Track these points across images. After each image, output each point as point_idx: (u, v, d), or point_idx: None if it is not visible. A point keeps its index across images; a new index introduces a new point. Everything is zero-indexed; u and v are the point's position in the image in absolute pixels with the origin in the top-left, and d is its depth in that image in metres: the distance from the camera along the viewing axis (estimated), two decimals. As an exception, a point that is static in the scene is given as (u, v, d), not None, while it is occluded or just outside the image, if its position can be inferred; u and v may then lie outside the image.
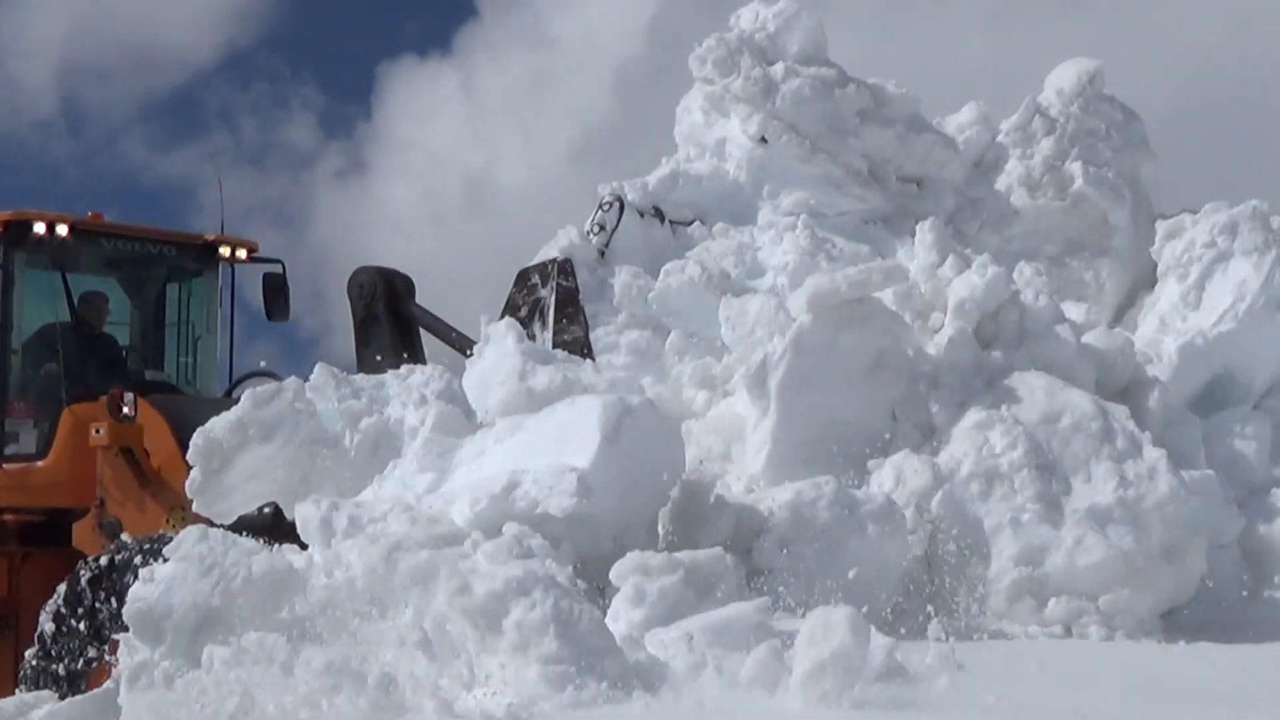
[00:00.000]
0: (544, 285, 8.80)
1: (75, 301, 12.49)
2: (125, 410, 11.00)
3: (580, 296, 8.77)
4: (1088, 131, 10.09)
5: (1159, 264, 9.06)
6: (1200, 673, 5.89)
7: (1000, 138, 10.31)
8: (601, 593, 5.90)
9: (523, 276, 8.94)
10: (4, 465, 12.23)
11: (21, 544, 11.95)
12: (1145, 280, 9.72)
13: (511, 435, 6.90)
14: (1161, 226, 9.21)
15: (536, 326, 8.71)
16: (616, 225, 9.22)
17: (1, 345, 12.39)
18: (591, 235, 9.22)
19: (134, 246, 13.37)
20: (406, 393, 7.52)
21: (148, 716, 6.17)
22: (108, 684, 8.17)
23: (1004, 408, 7.21)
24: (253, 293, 13.94)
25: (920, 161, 9.82)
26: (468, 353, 8.34)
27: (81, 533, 11.19)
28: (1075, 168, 9.83)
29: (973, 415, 7.22)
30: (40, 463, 12.07)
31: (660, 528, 6.89)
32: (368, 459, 7.34)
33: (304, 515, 6.72)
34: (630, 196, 9.33)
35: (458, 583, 5.36)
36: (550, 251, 9.00)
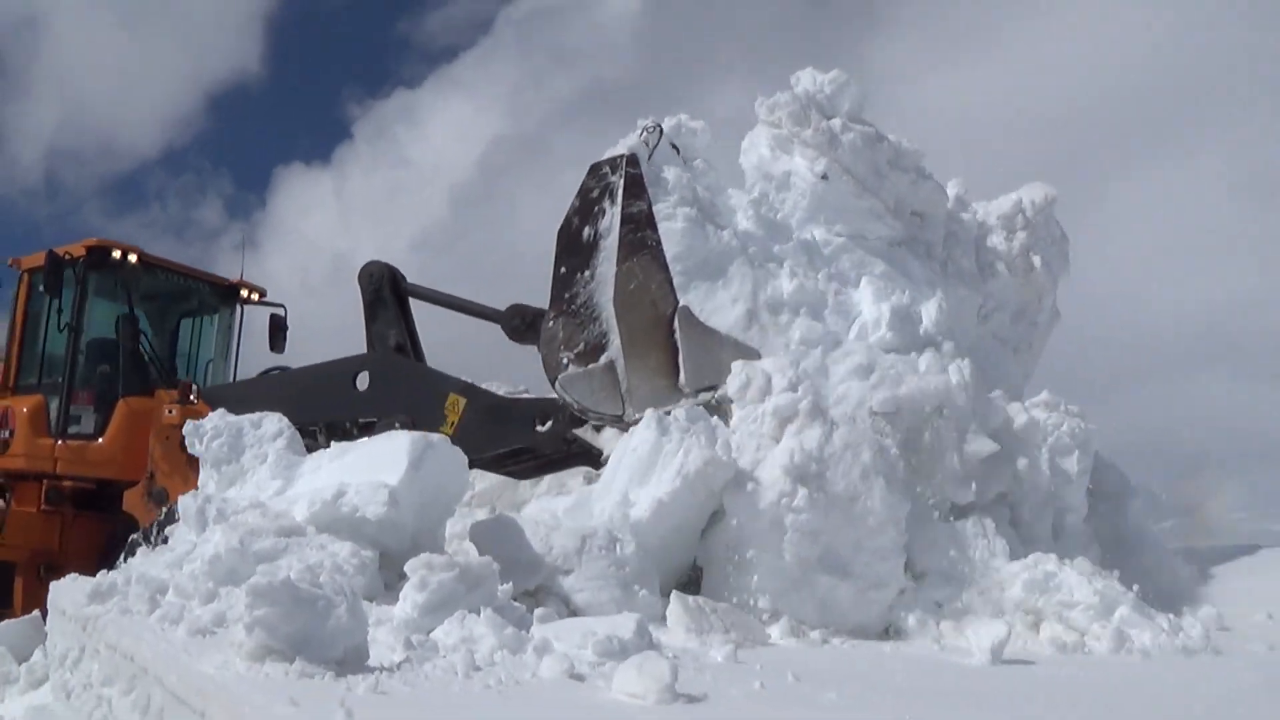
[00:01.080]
0: (614, 173, 10.30)
1: (120, 319, 14.67)
2: (192, 397, 13.00)
3: (644, 181, 10.30)
4: (1043, 235, 12.82)
5: None
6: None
7: (992, 220, 12.81)
8: (399, 578, 7.18)
9: (595, 168, 10.50)
10: (67, 441, 14.12)
11: (74, 507, 13.85)
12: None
13: (342, 456, 8.54)
14: None
15: (606, 203, 10.29)
16: (657, 144, 10.81)
17: (73, 347, 14.32)
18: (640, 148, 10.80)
19: (178, 279, 15.63)
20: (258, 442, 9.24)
21: (62, 640, 7.56)
22: (35, 611, 9.95)
23: None
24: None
25: (923, 201, 11.73)
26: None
27: (131, 499, 12.92)
28: (1036, 259, 12.59)
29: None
30: (98, 441, 14.05)
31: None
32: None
33: (184, 505, 8.35)
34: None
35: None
36: (618, 150, 10.59)
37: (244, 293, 16.40)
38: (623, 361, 9.98)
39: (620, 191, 10.25)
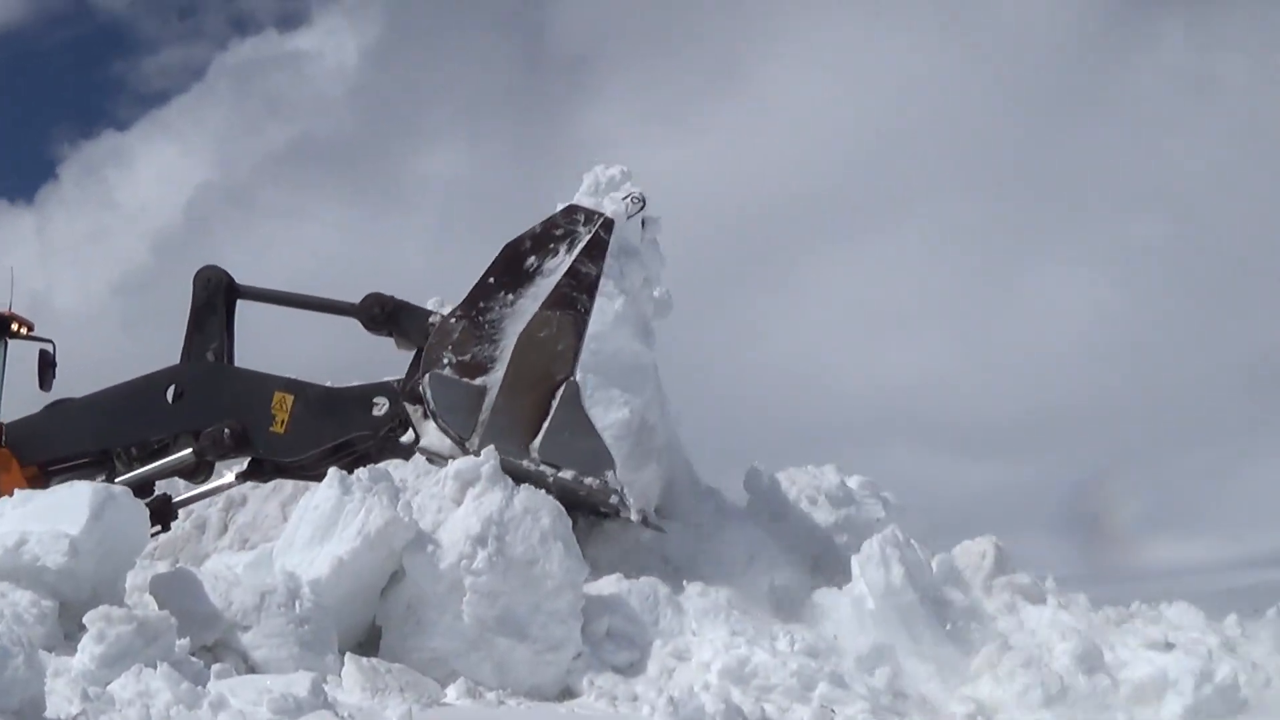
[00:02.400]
0: (585, 225, 10.29)
1: None
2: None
3: (607, 251, 10.29)
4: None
5: None
6: None
7: None
8: (79, 629, 7.13)
9: (571, 209, 10.48)
10: None
11: None
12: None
13: (24, 504, 8.39)
14: None
15: (564, 247, 10.28)
16: (636, 213, 10.81)
17: None
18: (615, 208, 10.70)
19: None
20: None
21: None
22: None
23: None
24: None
25: None
26: None
27: None
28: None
29: None
30: None
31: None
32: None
33: None
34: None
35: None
36: (592, 200, 10.62)
37: (14, 326, 14.82)
38: (495, 394, 10.07)
39: (581, 246, 10.34)
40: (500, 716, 8.00)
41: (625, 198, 10.85)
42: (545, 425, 9.98)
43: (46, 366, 14.61)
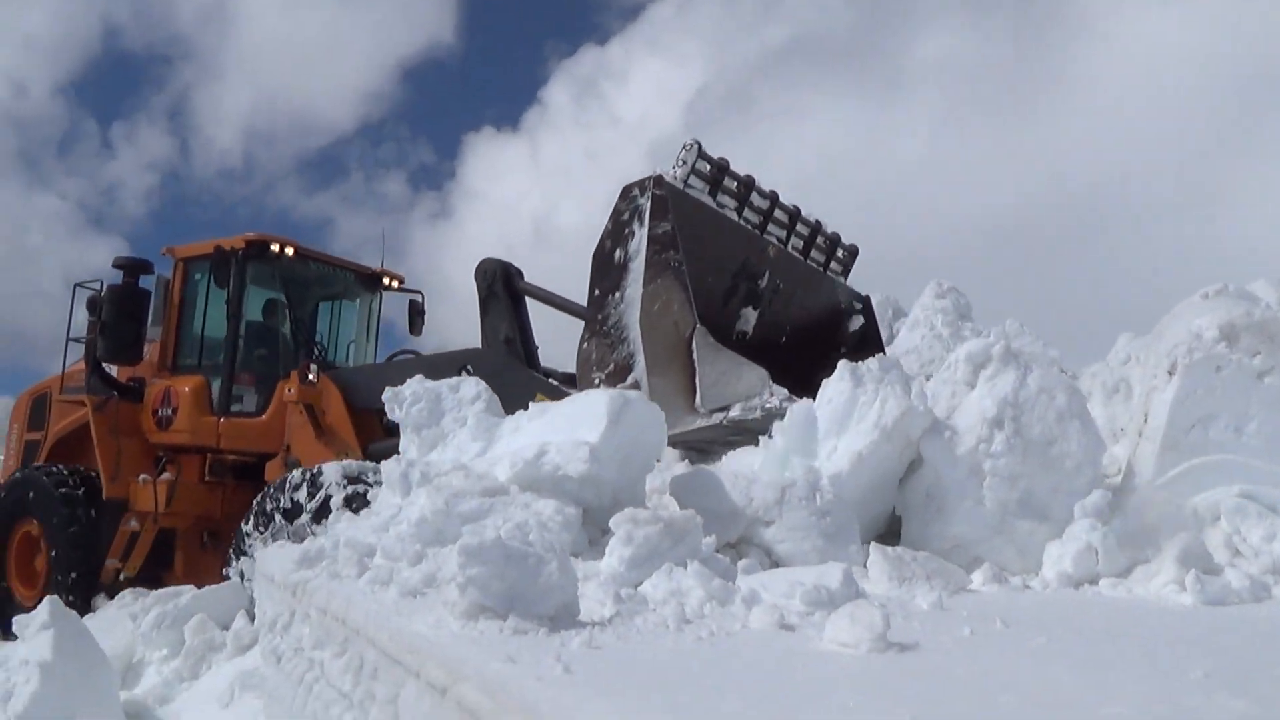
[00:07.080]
0: (642, 195, 10.39)
1: (277, 306, 16.29)
2: (310, 377, 13.90)
3: (669, 203, 10.33)
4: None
5: None
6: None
7: None
8: (602, 534, 7.37)
9: (626, 190, 10.60)
10: (230, 418, 15.34)
11: (235, 478, 15.19)
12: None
13: (540, 416, 8.63)
14: None
15: (635, 225, 10.38)
16: (695, 162, 10.92)
17: (234, 333, 15.59)
18: (675, 169, 10.96)
19: (326, 270, 16.97)
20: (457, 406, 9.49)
21: (272, 606, 7.67)
22: (235, 578, 10.47)
23: None
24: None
25: None
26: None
27: (272, 469, 14.02)
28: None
29: None
30: (260, 418, 15.10)
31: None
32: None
33: (388, 470, 8.55)
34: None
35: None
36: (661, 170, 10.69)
37: (385, 280, 17.89)
38: (645, 382, 10.06)
39: (648, 213, 10.34)
40: (1028, 601, 7.53)
41: (678, 156, 10.83)
42: (697, 380, 9.83)
43: (416, 315, 17.90)
